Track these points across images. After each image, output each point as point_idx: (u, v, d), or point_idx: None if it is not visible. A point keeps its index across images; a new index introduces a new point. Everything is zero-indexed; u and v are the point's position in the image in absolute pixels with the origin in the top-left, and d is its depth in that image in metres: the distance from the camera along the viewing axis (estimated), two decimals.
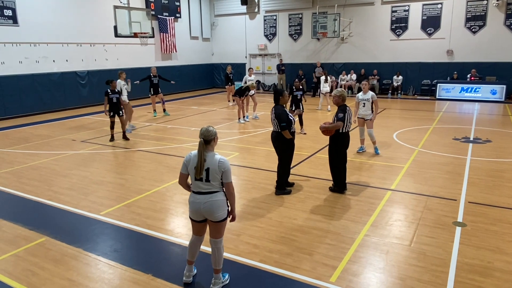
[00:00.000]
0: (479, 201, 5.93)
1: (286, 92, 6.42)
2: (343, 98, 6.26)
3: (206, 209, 3.61)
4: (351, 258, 4.39)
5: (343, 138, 6.19)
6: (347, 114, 6.11)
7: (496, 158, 8.28)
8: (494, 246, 4.60)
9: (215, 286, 3.82)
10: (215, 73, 24.69)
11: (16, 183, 7.20)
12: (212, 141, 3.62)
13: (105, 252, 4.65)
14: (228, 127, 12.27)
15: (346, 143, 6.25)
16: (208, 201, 3.60)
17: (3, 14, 13.77)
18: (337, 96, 6.28)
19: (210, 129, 3.65)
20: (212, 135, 3.62)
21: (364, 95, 8.56)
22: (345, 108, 6.14)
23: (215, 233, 3.74)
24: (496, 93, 16.71)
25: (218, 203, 3.62)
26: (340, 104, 6.24)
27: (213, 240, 3.76)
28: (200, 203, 3.62)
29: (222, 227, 3.74)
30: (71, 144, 10.26)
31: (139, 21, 19.03)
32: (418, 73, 18.99)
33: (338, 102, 6.27)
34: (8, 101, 14.26)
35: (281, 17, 22.06)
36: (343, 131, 6.13)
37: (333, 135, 6.18)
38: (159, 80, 14.20)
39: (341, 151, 6.25)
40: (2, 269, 4.21)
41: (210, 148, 3.63)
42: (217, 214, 3.63)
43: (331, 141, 6.29)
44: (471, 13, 17.52)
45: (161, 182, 7.09)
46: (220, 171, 3.56)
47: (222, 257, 3.82)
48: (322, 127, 6.17)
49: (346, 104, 6.26)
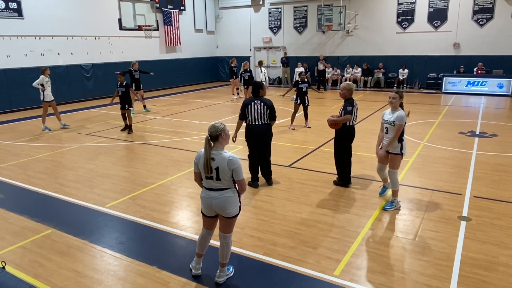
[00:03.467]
0: (484, 196, 5.91)
1: (266, 85, 6.50)
2: (351, 91, 6.10)
3: (218, 205, 3.60)
4: (355, 252, 4.39)
5: (349, 131, 6.17)
6: (355, 107, 6.06)
7: (502, 152, 8.23)
8: (499, 240, 4.58)
9: (220, 278, 3.84)
10: (220, 66, 24.62)
11: (22, 175, 7.26)
12: (219, 137, 3.52)
13: (111, 244, 4.69)
14: (233, 120, 12.25)
15: (352, 136, 6.25)
16: (220, 197, 3.58)
17: (8, 7, 13.79)
18: (345, 89, 6.07)
19: (216, 125, 3.54)
20: (219, 130, 3.51)
21: (389, 115, 5.38)
22: (353, 102, 6.04)
23: (225, 228, 3.74)
24: (503, 87, 16.54)
25: (229, 199, 3.59)
26: (347, 97, 6.09)
27: (222, 234, 3.76)
28: (211, 198, 3.60)
29: (233, 222, 3.74)
30: (76, 137, 10.31)
31: (144, 14, 19.05)
32: (424, 66, 18.83)
33: (346, 95, 6.09)
34: (14, 94, 14.33)
35: (286, 9, 21.90)
36: (349, 124, 6.09)
37: (339, 128, 6.15)
38: (140, 75, 13.65)
39: (347, 144, 6.25)
40: (10, 261, 4.26)
41: (218, 145, 3.54)
42: (229, 210, 3.62)
43: (337, 135, 6.27)
44: (478, 6, 17.30)
45: (165, 175, 7.12)
46: (230, 169, 3.49)
47: (230, 252, 3.84)
48: (330, 120, 6.10)
49: (353, 98, 6.16)
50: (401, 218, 5.22)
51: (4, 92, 14.05)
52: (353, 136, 6.26)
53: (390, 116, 5.34)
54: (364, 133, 9.81)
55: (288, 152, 8.50)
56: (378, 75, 19.65)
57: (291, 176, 6.91)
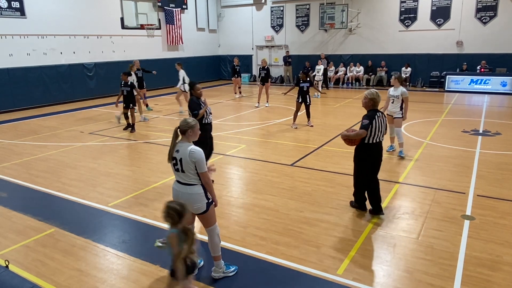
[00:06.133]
0: (488, 195, 5.88)
1: (199, 85, 6.45)
2: (374, 102, 5.06)
3: (184, 200, 3.58)
4: (358, 251, 4.38)
5: (367, 149, 5.04)
6: (376, 121, 4.95)
7: (506, 151, 8.18)
8: (503, 239, 4.56)
9: (215, 273, 3.88)
10: (222, 65, 24.61)
11: (25, 174, 7.28)
12: (187, 131, 3.63)
13: (113, 243, 4.69)
14: (235, 119, 12.26)
15: (369, 156, 5.07)
16: (185, 192, 3.65)
17: (10, 6, 13.81)
18: (368, 99, 5.08)
19: (188, 121, 3.68)
20: (187, 126, 3.63)
21: (394, 91, 7.66)
22: (374, 115, 4.98)
23: (204, 222, 3.80)
24: (506, 85, 16.45)
25: (194, 196, 3.64)
26: (369, 108, 5.11)
27: (205, 229, 3.83)
28: (178, 191, 3.70)
29: (206, 217, 3.75)
30: (79, 136, 10.33)
31: (146, 12, 19.08)
32: (427, 64, 18.75)
33: (367, 105, 5.12)
34: (17, 93, 14.36)
35: (288, 8, 21.86)
36: (369, 141, 4.99)
37: (359, 145, 5.09)
38: (143, 74, 13.59)
39: (362, 164, 5.13)
40: (13, 259, 4.27)
41: (185, 139, 3.66)
42: (195, 206, 3.65)
43: (356, 152, 5.23)
44: (481, 4, 17.20)
45: (168, 174, 7.12)
46: (192, 161, 3.56)
47: (218, 245, 3.85)
48: (343, 135, 5.10)
49: (378, 109, 5.13)
50: (404, 217, 5.20)
51: (7, 91, 14.07)
52: (372, 156, 5.07)
53: (394, 92, 7.66)
54: None
55: (291, 151, 8.48)
56: (380, 74, 19.59)
57: (294, 175, 6.90)
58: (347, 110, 13.45)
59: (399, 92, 7.55)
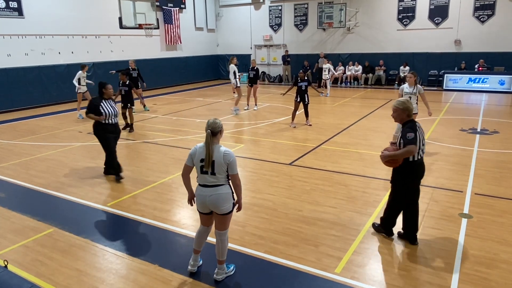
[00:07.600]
0: (485, 193, 5.90)
1: (109, 86, 6.51)
2: (409, 111, 4.23)
3: (212, 202, 3.62)
4: (356, 249, 4.40)
5: (414, 168, 4.30)
6: (419, 133, 4.21)
7: (504, 149, 8.21)
8: (500, 237, 4.58)
9: (218, 276, 3.86)
10: (220, 65, 24.60)
11: (24, 174, 7.28)
12: (218, 133, 3.61)
13: (112, 242, 4.70)
14: (233, 118, 12.26)
15: (419, 175, 4.39)
16: (214, 194, 3.60)
17: (8, 6, 13.78)
18: (400, 110, 4.24)
19: (217, 121, 3.63)
20: (219, 127, 3.61)
21: (410, 88, 7.66)
22: (415, 125, 4.21)
23: (220, 225, 3.76)
24: (504, 84, 16.49)
25: (223, 196, 3.62)
26: (405, 120, 4.25)
27: (217, 232, 3.79)
28: (206, 196, 3.63)
29: (227, 219, 3.75)
30: (77, 136, 10.32)
31: (144, 12, 19.07)
32: (425, 63, 18.78)
33: (402, 117, 4.26)
34: (15, 93, 14.34)
35: (286, 7, 21.86)
36: (414, 158, 4.24)
37: (401, 164, 4.28)
38: (138, 74, 13.56)
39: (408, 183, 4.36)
40: (12, 259, 4.27)
41: (215, 140, 3.61)
42: (223, 207, 3.64)
43: (398, 173, 4.40)
44: (479, 2, 17.23)
45: (167, 173, 7.13)
46: (226, 163, 3.55)
47: (226, 249, 3.85)
48: (385, 155, 4.26)
49: (415, 120, 4.37)
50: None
51: (5, 91, 14.06)
52: (419, 176, 4.39)
53: (411, 89, 7.63)
54: (365, 131, 9.81)
55: (289, 150, 8.50)
56: (379, 73, 19.61)
57: (292, 174, 6.91)
58: (345, 109, 13.46)
59: (417, 89, 7.68)
